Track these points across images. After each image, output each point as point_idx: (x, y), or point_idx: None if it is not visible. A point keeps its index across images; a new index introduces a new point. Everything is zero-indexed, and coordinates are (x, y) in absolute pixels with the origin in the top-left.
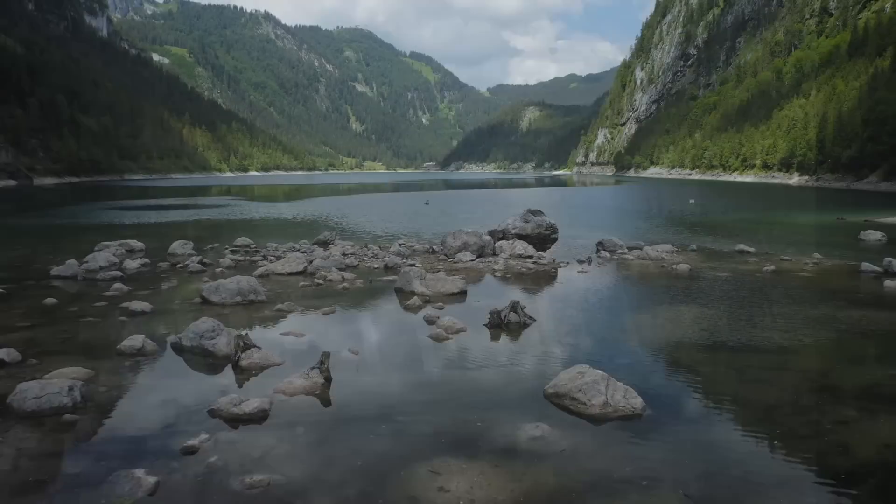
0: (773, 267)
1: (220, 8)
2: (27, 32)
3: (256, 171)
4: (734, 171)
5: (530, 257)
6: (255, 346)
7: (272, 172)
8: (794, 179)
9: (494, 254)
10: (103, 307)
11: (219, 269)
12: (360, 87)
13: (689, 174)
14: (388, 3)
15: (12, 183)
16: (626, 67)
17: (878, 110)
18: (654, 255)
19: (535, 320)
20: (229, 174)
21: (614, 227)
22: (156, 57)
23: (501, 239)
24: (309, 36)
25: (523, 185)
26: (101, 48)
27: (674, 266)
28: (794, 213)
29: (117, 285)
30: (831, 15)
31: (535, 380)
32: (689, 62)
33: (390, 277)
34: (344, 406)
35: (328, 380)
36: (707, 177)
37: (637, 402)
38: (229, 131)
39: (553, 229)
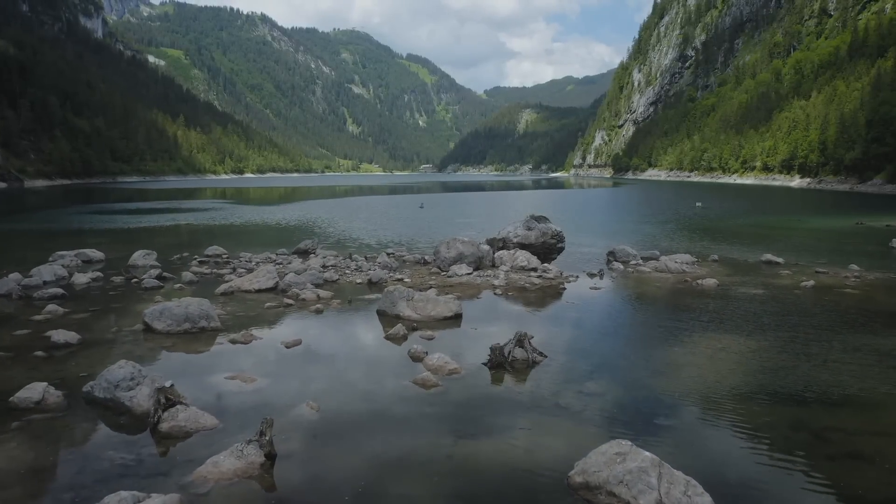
0: (811, 282)
1: (217, 10)
2: (20, 33)
3: (252, 173)
4: (734, 173)
5: (534, 270)
6: (181, 402)
7: (268, 175)
8: (796, 182)
9: (493, 266)
10: (23, 336)
11: (177, 286)
12: (356, 89)
13: (688, 176)
14: (384, 5)
15: (2, 185)
16: (624, 69)
17: (882, 111)
18: (674, 266)
19: (545, 357)
20: (224, 176)
21: (622, 233)
22: (151, 59)
23: (501, 249)
24: (305, 38)
25: (521, 187)
26: (95, 49)
27: (699, 281)
28: (808, 216)
29: (51, 306)
30: (830, 16)
31: (554, 456)
32: (687, 64)
33: (374, 296)
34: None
35: (271, 457)
36: (706, 179)
37: (704, 501)
38: (224, 133)
39: (560, 238)
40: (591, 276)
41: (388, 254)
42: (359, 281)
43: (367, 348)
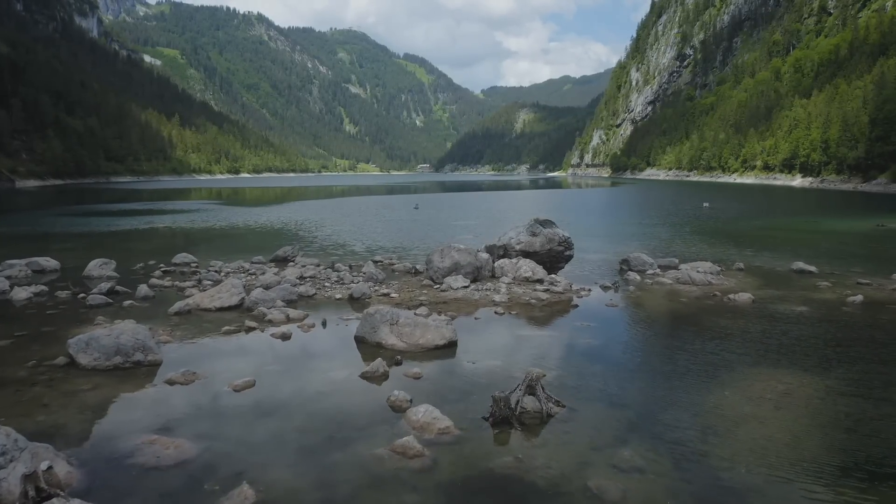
0: (858, 297)
1: (213, 9)
2: (14, 32)
3: (248, 173)
4: (733, 172)
5: (540, 282)
6: (58, 494)
7: (264, 175)
8: (797, 181)
9: (494, 276)
10: None
11: (128, 303)
12: (353, 89)
13: (687, 175)
14: (379, 4)
15: None
16: (622, 68)
17: (887, 110)
18: (699, 277)
19: (562, 406)
20: (220, 176)
21: (631, 237)
22: (147, 58)
23: (503, 257)
24: (302, 37)
25: (518, 187)
26: (90, 49)
27: (730, 296)
28: (822, 217)
29: None
30: (830, 14)
31: None
32: (686, 63)
33: (354, 315)
34: None
35: None
36: (705, 178)
37: None
38: (220, 133)
39: (567, 244)
40: (605, 288)
41: (374, 262)
42: (338, 296)
43: (336, 393)
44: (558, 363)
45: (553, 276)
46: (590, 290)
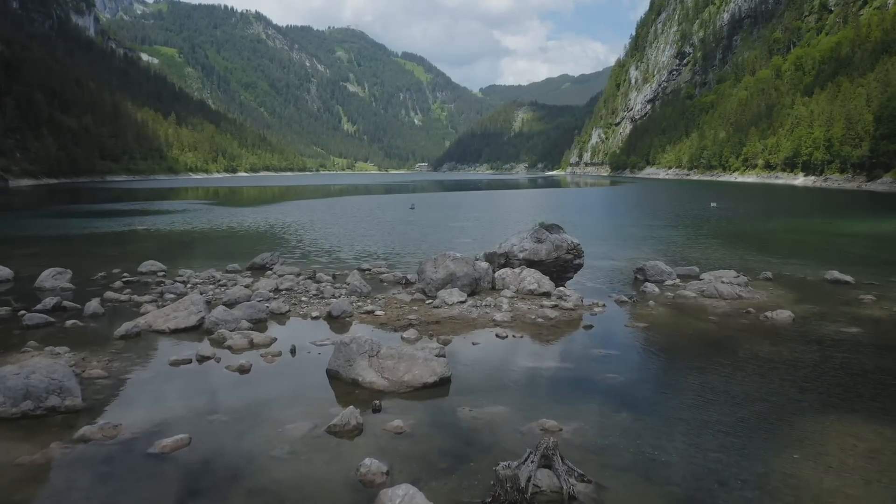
0: None
1: (211, 8)
2: (10, 30)
3: (245, 172)
4: (734, 171)
5: (547, 296)
6: None
7: (261, 174)
8: (800, 180)
9: (494, 289)
10: None
11: (70, 323)
12: (351, 88)
13: (688, 174)
14: (376, 3)
15: None
16: (621, 67)
17: (892, 107)
18: (726, 290)
19: (588, 482)
20: (217, 175)
21: (641, 240)
22: (145, 57)
23: (504, 266)
24: (300, 36)
25: (516, 186)
26: (87, 47)
27: (767, 314)
28: (837, 218)
29: None
30: (831, 12)
31: None
32: (686, 61)
33: (330, 340)
34: None
35: None
36: (706, 177)
37: None
38: (217, 132)
39: (577, 252)
40: (621, 303)
41: (361, 271)
42: (315, 314)
43: (292, 459)
44: (576, 410)
45: (561, 288)
46: (604, 305)
